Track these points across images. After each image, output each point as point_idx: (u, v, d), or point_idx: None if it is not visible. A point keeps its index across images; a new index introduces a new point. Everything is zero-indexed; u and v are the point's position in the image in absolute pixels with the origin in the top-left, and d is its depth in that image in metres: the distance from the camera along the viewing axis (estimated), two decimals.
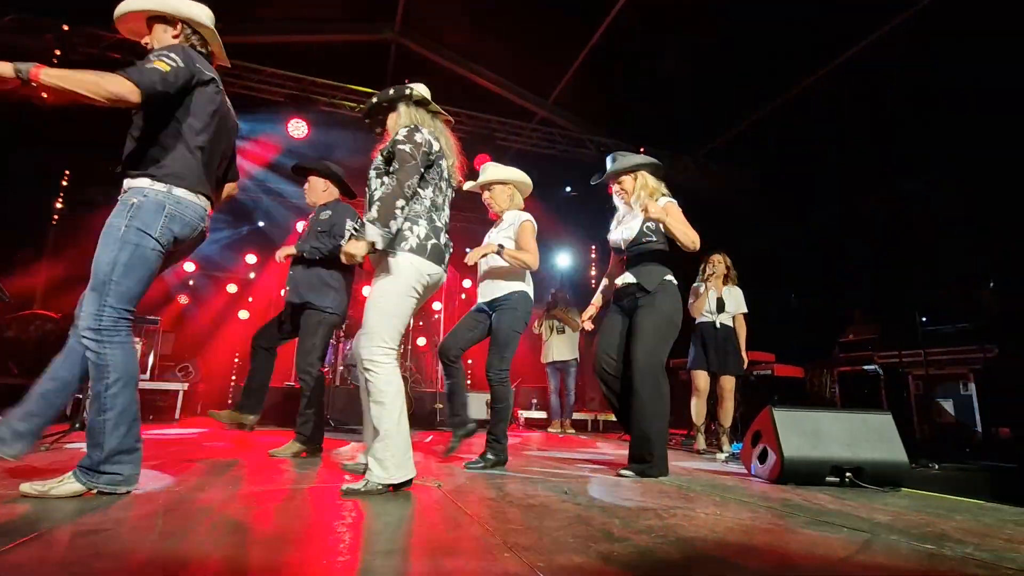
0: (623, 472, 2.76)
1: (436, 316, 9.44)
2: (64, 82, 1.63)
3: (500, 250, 2.93)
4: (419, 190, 2.19)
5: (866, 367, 5.44)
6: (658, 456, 2.74)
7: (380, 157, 2.22)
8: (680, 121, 7.11)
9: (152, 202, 1.85)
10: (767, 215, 7.30)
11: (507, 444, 3.00)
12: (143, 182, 1.87)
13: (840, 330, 6.01)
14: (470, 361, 10.14)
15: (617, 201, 3.20)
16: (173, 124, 1.91)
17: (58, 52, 5.64)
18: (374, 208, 2.04)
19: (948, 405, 4.84)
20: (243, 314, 9.20)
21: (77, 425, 3.51)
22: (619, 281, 3.04)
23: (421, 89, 2.36)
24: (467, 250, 3.09)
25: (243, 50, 6.47)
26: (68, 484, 1.74)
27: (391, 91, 2.32)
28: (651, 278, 2.90)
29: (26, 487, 1.73)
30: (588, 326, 3.25)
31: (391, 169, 2.12)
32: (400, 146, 2.12)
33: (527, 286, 3.08)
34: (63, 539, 1.31)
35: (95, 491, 1.77)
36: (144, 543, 1.28)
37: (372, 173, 2.24)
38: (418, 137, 2.15)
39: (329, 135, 6.97)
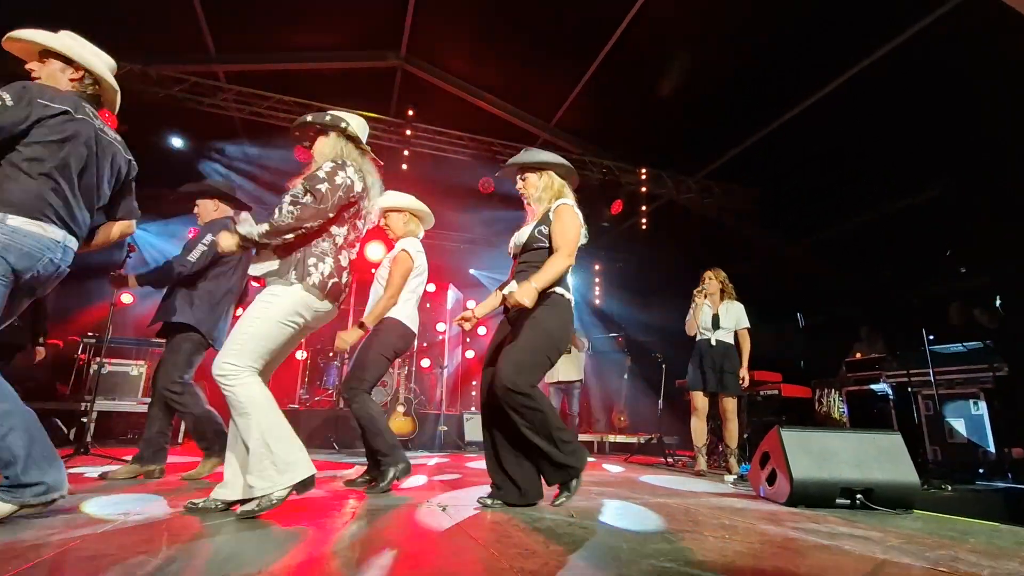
0: (556, 503, 2.39)
1: (440, 337, 9.44)
2: None
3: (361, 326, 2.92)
4: (329, 228, 2.16)
5: (874, 386, 5.38)
6: (564, 464, 2.34)
7: (301, 187, 2.14)
8: (681, 142, 7.19)
9: None
10: (770, 234, 7.33)
11: (401, 452, 2.90)
12: None
13: (847, 349, 5.97)
14: (473, 383, 10.13)
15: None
16: (14, 155, 1.88)
17: None
18: (265, 224, 2.04)
19: (959, 425, 4.78)
20: None
21: (81, 450, 3.52)
22: (506, 291, 2.66)
23: (357, 126, 2.35)
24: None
25: (252, 78, 6.64)
26: None
27: (327, 117, 2.31)
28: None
29: None
30: (467, 325, 2.67)
31: (303, 201, 2.09)
32: (318, 185, 2.08)
33: (398, 312, 3.06)
34: (63, 564, 1.30)
35: (24, 506, 1.71)
36: (144, 567, 1.27)
37: (287, 199, 2.14)
38: (338, 179, 2.12)
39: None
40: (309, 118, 2.30)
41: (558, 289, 2.53)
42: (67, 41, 2.07)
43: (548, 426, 2.32)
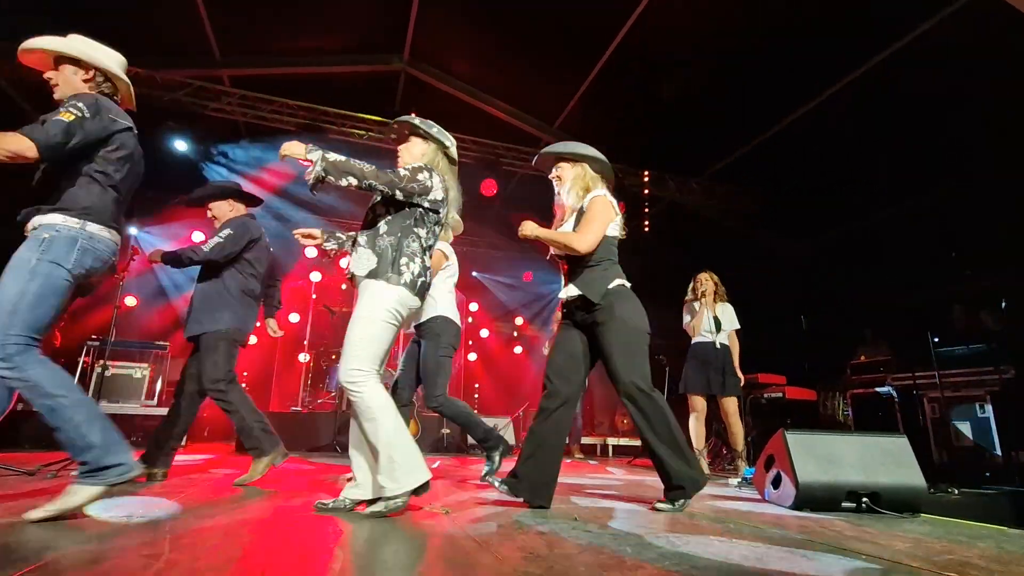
0: (660, 506, 2.45)
1: None
2: None
3: None
4: (416, 230, 2.27)
5: (879, 389, 5.35)
6: (687, 476, 2.42)
7: None
8: (684, 143, 7.18)
9: (65, 237, 1.91)
10: (774, 235, 7.30)
11: (497, 435, 3.24)
12: (55, 218, 1.93)
13: (852, 352, 5.94)
14: (476, 385, 10.14)
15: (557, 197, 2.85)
16: (87, 164, 1.99)
17: None
18: (333, 153, 2.07)
19: (965, 428, 4.74)
20: (251, 339, 9.23)
21: None
22: (563, 294, 2.68)
23: (453, 148, 2.52)
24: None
25: (257, 82, 6.67)
26: (80, 493, 1.78)
27: (434, 130, 2.43)
28: (595, 287, 2.54)
29: (36, 513, 1.73)
30: (546, 351, 2.98)
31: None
32: (403, 170, 2.24)
33: (446, 310, 3.27)
34: (67, 567, 1.30)
35: (109, 486, 1.83)
36: (149, 571, 1.27)
37: (378, 196, 2.29)
38: (420, 175, 2.24)
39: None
40: (417, 121, 2.41)
41: (618, 281, 2.58)
42: (76, 44, 2.10)
43: (670, 428, 2.43)
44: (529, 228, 2.57)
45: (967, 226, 5.20)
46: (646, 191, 7.65)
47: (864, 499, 2.63)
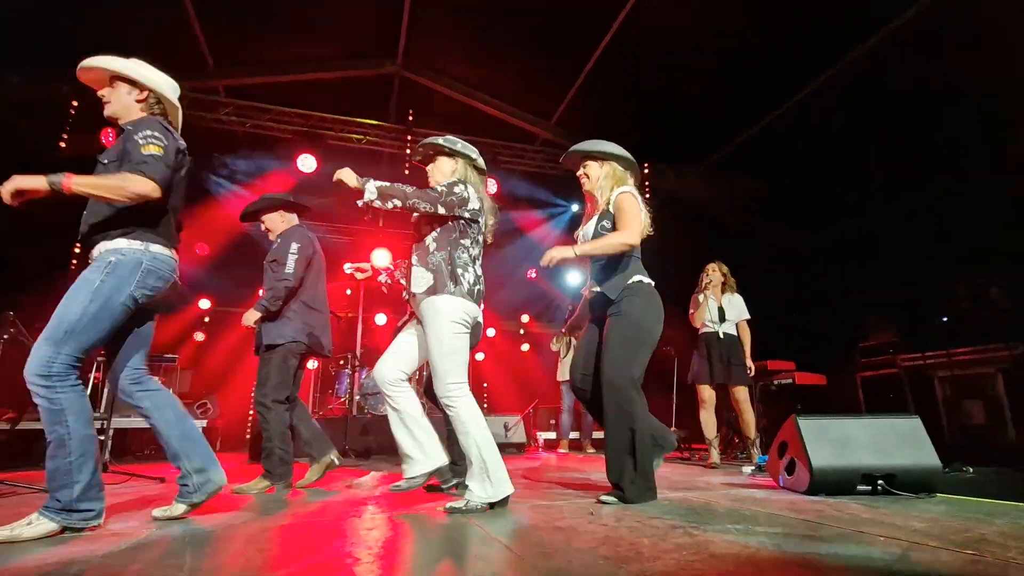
0: (603, 499, 2.42)
1: None
2: (92, 189, 1.82)
3: None
4: (463, 242, 2.41)
5: (890, 370, 5.34)
6: (630, 481, 2.39)
7: None
8: (684, 134, 7.14)
9: (129, 260, 1.96)
10: (778, 223, 7.26)
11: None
12: (119, 242, 1.97)
13: (861, 335, 5.92)
14: (484, 384, 10.15)
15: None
16: None
17: (75, 103, 5.84)
18: (379, 182, 2.25)
19: (977, 406, 4.72)
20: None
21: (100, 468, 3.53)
22: (585, 291, 2.74)
23: (479, 157, 2.62)
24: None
25: (252, 91, 6.68)
26: (40, 526, 1.75)
27: (458, 145, 2.54)
28: (614, 284, 2.59)
29: None
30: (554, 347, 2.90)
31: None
32: (439, 186, 2.41)
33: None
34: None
35: (65, 528, 1.79)
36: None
37: (419, 213, 2.42)
38: (457, 188, 2.39)
39: (338, 167, 7.13)
40: (441, 141, 2.54)
41: (636, 277, 2.61)
42: (132, 65, 2.16)
43: (634, 438, 2.40)
44: (559, 252, 2.47)
45: (971, 221, 5.11)
46: (646, 183, 7.64)
47: (879, 481, 2.62)
